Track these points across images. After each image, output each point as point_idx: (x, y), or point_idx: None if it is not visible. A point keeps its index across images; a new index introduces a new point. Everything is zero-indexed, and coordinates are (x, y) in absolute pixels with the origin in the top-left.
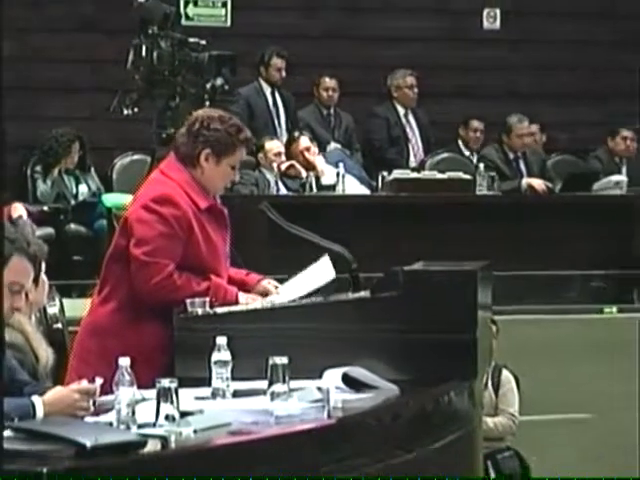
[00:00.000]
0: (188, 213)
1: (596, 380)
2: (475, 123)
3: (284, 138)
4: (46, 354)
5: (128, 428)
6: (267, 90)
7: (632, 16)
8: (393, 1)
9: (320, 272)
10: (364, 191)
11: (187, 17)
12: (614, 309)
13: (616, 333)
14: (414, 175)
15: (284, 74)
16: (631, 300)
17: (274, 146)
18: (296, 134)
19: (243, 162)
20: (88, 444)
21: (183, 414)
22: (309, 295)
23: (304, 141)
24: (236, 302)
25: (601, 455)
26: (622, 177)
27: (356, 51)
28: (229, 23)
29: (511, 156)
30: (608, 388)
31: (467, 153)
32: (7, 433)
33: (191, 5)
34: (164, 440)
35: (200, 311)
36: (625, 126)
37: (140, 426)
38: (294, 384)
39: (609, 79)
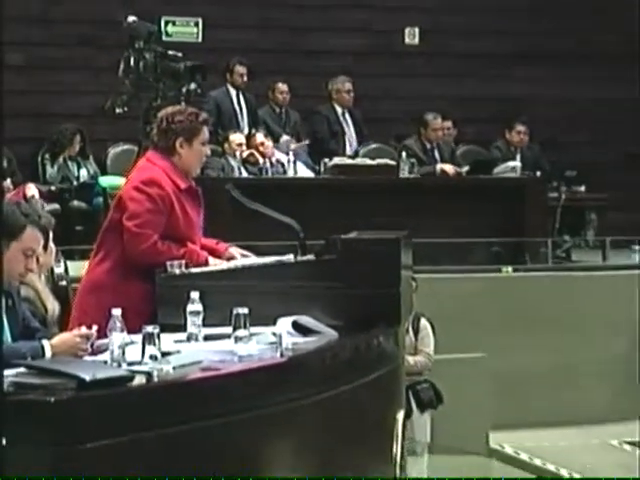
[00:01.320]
0: (170, 193)
1: (494, 325)
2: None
3: (246, 131)
4: (53, 306)
5: (119, 366)
6: (232, 93)
7: (527, 33)
8: (332, 22)
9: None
10: (309, 174)
11: (167, 34)
12: (509, 269)
13: (511, 288)
14: (349, 161)
15: (246, 79)
16: (523, 262)
17: (237, 138)
18: (253, 131)
19: (212, 151)
20: (87, 378)
21: (164, 354)
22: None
23: (259, 137)
24: (206, 264)
25: (495, 388)
26: (517, 163)
27: (303, 62)
28: (200, 39)
29: (428, 146)
30: (504, 331)
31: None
32: (22, 370)
33: (170, 25)
34: (149, 375)
35: (178, 271)
36: (519, 122)
37: (129, 364)
38: (253, 330)
39: (506, 86)
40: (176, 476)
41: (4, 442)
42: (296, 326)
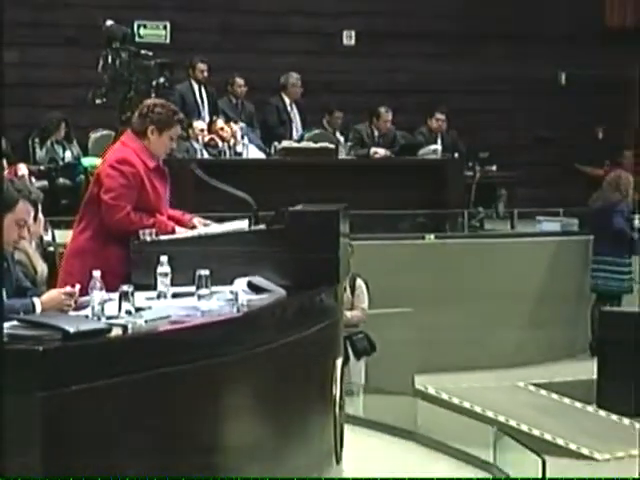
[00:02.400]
0: (140, 170)
1: (420, 284)
2: (337, 113)
3: (207, 119)
4: (42, 268)
5: (99, 319)
6: (195, 86)
7: (449, 35)
8: (283, 26)
9: (237, 225)
10: (262, 156)
11: (139, 36)
12: (432, 236)
13: (433, 252)
14: (295, 145)
15: (206, 74)
16: (444, 230)
17: (199, 125)
18: (214, 118)
19: (178, 136)
20: (71, 330)
21: (137, 309)
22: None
23: (219, 123)
24: (173, 232)
25: (420, 338)
26: (437, 146)
27: (257, 59)
28: (168, 40)
29: (375, 133)
30: (428, 289)
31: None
32: (15, 323)
33: (142, 28)
34: (124, 327)
35: (149, 238)
36: (438, 111)
37: (108, 318)
38: (214, 289)
39: (431, 80)
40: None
41: None
42: (250, 285)
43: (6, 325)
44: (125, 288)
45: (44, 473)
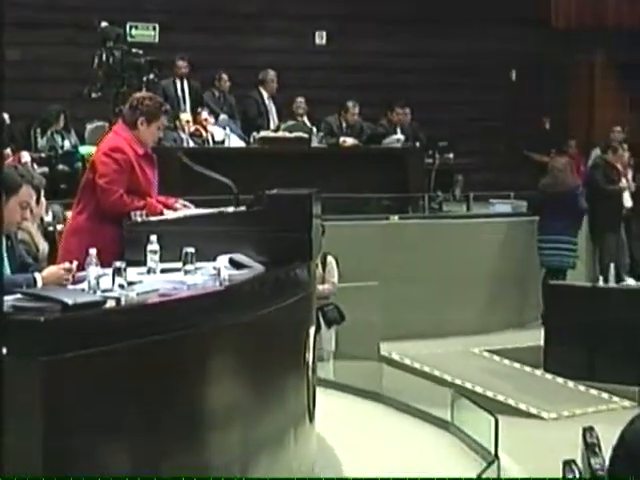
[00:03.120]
0: (131, 157)
1: (384, 261)
2: (307, 106)
3: (188, 111)
4: (43, 246)
5: (95, 292)
6: (177, 82)
7: (410, 36)
8: (261, 28)
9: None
10: (242, 144)
11: (131, 36)
12: (396, 217)
13: (397, 232)
14: (272, 134)
15: (186, 70)
16: (406, 212)
17: (185, 116)
18: (199, 110)
19: (165, 127)
20: (69, 302)
21: (129, 283)
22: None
23: (204, 114)
24: (162, 214)
25: (385, 309)
26: (400, 136)
27: (239, 57)
28: (157, 40)
29: (344, 124)
30: (392, 265)
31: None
32: (19, 296)
33: (133, 29)
34: (118, 300)
35: (140, 219)
36: (397, 106)
37: (102, 291)
38: (198, 265)
39: (393, 77)
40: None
41: (5, 351)
42: (231, 262)
43: (10, 298)
44: (118, 264)
45: (45, 429)
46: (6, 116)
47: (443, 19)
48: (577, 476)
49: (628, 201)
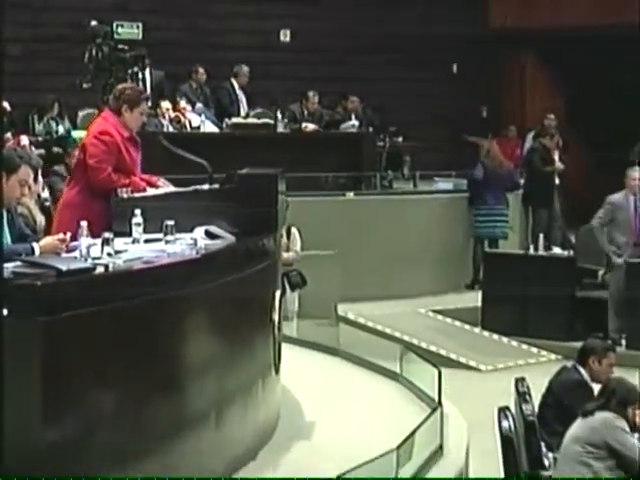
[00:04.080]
0: (117, 140)
1: (342, 232)
2: (273, 96)
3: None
4: (40, 219)
5: (86, 260)
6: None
7: (363, 35)
8: (234, 27)
9: None
10: (216, 130)
11: (117, 34)
12: (351, 194)
13: (352, 207)
14: (243, 121)
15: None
16: (360, 189)
17: (165, 105)
18: (178, 99)
19: (148, 115)
20: (64, 269)
21: (116, 252)
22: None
23: (182, 103)
24: (145, 191)
25: (342, 274)
26: (354, 122)
27: (214, 53)
28: (141, 37)
29: (305, 112)
30: (348, 236)
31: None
32: (19, 263)
33: (119, 27)
34: (106, 266)
35: (126, 195)
36: (353, 95)
37: (93, 259)
38: (178, 235)
39: (349, 69)
40: (125, 337)
41: (6, 312)
42: (207, 233)
43: (11, 265)
44: (106, 235)
45: (43, 379)
46: (7, 105)
47: (393, 21)
48: (510, 421)
49: (556, 180)
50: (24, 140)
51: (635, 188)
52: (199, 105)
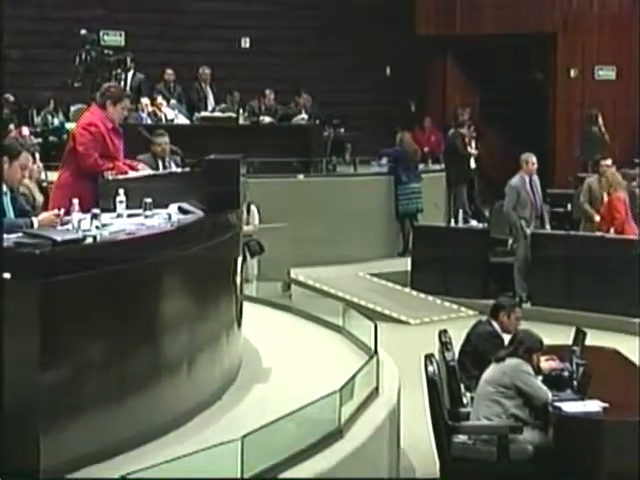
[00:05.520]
0: (102, 130)
1: (293, 208)
2: (236, 93)
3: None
4: (38, 198)
5: (77, 232)
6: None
7: (313, 42)
8: (200, 34)
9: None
10: (187, 122)
11: (103, 41)
12: (302, 176)
13: (303, 187)
14: (209, 114)
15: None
16: (309, 172)
17: (145, 102)
18: (155, 96)
19: (129, 109)
20: (58, 239)
21: (103, 225)
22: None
23: (159, 99)
24: (126, 174)
25: (294, 243)
26: (304, 116)
27: (180, 58)
28: (123, 44)
29: (263, 107)
30: (299, 211)
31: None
32: (20, 234)
33: (105, 35)
34: (94, 237)
35: (110, 177)
36: (302, 92)
37: (83, 231)
38: (155, 211)
39: (300, 71)
40: (111, 297)
41: (9, 276)
42: (180, 209)
43: (13, 236)
44: (95, 211)
45: (41, 334)
46: (11, 97)
47: (335, 32)
48: (435, 366)
49: (472, 164)
50: (25, 131)
51: (533, 170)
52: (173, 101)
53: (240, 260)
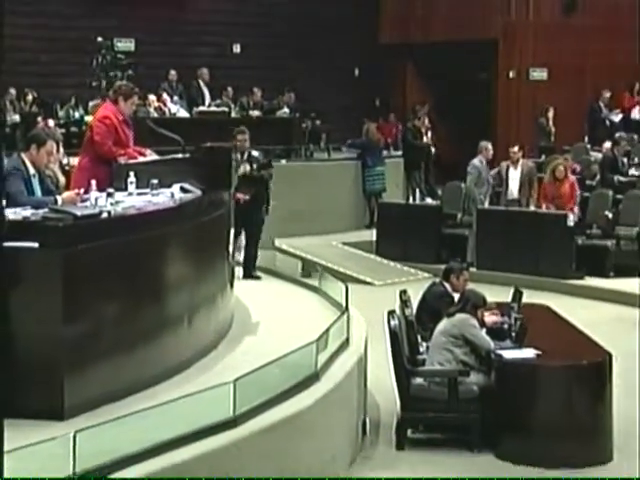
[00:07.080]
0: (115, 122)
1: (278, 188)
2: (229, 89)
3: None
4: (62, 179)
5: (94, 208)
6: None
7: (294, 48)
8: (198, 40)
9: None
10: (187, 115)
11: (117, 47)
12: (284, 161)
13: (285, 170)
14: (206, 109)
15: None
16: (290, 158)
17: (152, 97)
18: (160, 93)
19: (138, 105)
20: (79, 214)
21: (117, 202)
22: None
23: (164, 96)
24: (136, 159)
25: (280, 218)
26: (286, 110)
27: (182, 61)
28: (134, 49)
29: (252, 103)
30: (283, 191)
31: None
32: (46, 210)
33: (118, 42)
34: (109, 212)
35: (123, 161)
36: (286, 90)
37: (100, 207)
38: (160, 190)
39: (284, 71)
40: (124, 263)
41: (37, 245)
42: (182, 189)
43: (41, 211)
44: (109, 190)
45: (64, 294)
46: (34, 93)
47: (312, 38)
48: (396, 320)
49: (432, 150)
50: (50, 123)
51: (489, 155)
52: (176, 97)
53: (232, 233)
